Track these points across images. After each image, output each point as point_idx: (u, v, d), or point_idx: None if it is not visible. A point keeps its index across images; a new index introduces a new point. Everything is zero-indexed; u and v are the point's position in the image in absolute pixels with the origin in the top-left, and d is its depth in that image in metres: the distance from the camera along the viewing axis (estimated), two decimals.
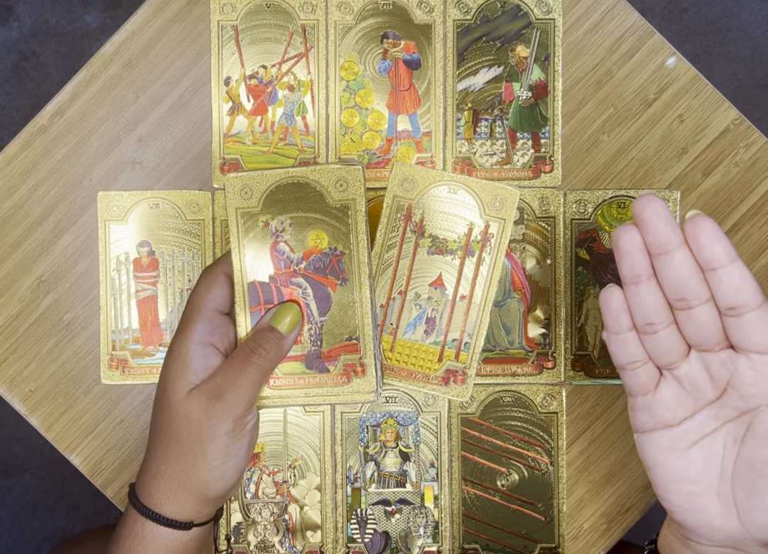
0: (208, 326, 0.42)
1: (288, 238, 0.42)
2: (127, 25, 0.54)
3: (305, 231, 0.42)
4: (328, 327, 0.43)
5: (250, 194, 0.42)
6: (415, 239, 0.44)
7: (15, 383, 0.54)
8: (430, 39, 0.54)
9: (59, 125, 0.54)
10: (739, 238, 0.54)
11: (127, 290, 0.54)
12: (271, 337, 0.42)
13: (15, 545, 1.20)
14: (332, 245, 0.42)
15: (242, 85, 0.54)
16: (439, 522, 0.54)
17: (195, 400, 0.40)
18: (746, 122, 0.54)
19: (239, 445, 0.41)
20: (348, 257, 0.42)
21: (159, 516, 0.41)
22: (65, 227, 0.54)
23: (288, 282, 0.42)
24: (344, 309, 0.42)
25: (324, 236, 0.42)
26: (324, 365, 0.43)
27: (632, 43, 0.54)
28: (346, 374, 0.43)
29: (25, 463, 1.19)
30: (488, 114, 0.54)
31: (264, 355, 0.41)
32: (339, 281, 0.42)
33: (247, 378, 0.40)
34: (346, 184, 0.42)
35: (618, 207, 0.54)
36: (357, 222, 0.42)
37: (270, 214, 0.42)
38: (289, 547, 0.54)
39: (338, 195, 0.42)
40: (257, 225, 0.42)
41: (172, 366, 0.42)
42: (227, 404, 0.40)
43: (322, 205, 0.42)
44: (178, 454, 0.41)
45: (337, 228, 0.42)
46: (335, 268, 0.42)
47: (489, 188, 0.44)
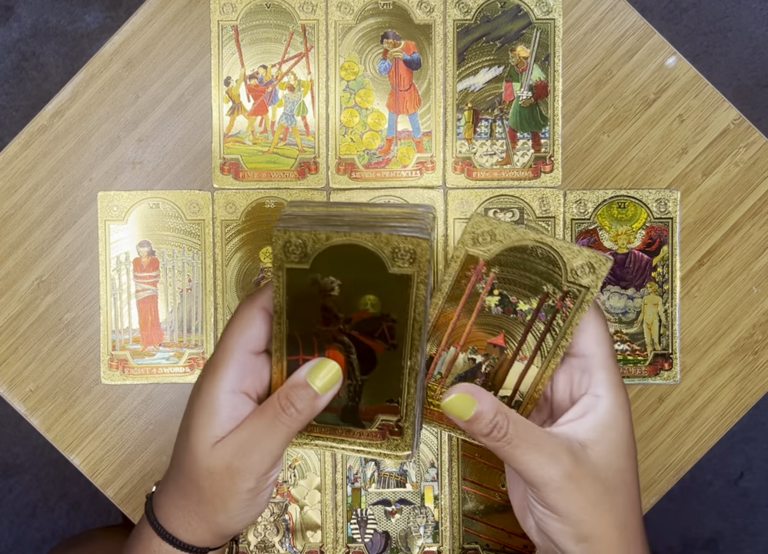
0: (240, 371, 0.39)
1: (337, 297, 0.38)
2: (127, 25, 0.54)
3: (358, 294, 0.38)
4: (369, 386, 0.40)
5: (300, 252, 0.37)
6: (482, 296, 0.40)
7: (15, 383, 0.54)
8: (430, 39, 0.54)
9: (59, 125, 0.54)
10: (739, 238, 0.54)
11: (127, 290, 0.54)
12: (305, 395, 0.38)
13: (15, 545, 1.20)
14: (385, 312, 0.38)
15: (242, 85, 0.54)
16: (439, 522, 0.54)
17: (219, 456, 0.38)
18: (746, 122, 0.54)
19: (260, 498, 0.40)
20: (400, 325, 0.38)
21: (177, 541, 0.40)
22: (65, 227, 0.54)
23: (332, 339, 0.39)
24: (389, 373, 0.39)
25: (378, 303, 0.38)
26: (360, 421, 0.40)
27: (632, 43, 0.54)
28: (381, 433, 0.40)
29: (25, 463, 1.19)
30: (488, 114, 0.54)
31: (295, 415, 0.38)
32: (387, 346, 0.39)
33: (274, 439, 0.38)
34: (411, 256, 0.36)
35: (618, 207, 0.54)
36: (416, 293, 0.37)
37: (321, 273, 0.37)
38: (289, 547, 0.54)
39: (400, 265, 0.36)
40: (304, 282, 0.38)
41: (198, 413, 0.39)
42: (251, 464, 0.38)
43: (379, 271, 0.37)
44: (198, 500, 0.40)
45: (394, 296, 0.37)
46: (385, 333, 0.38)
47: (576, 253, 0.39)
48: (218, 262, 0.54)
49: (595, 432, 0.39)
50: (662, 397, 0.54)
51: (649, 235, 0.54)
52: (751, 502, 1.21)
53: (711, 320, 0.54)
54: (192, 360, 0.54)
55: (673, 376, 0.54)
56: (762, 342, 0.54)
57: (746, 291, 0.54)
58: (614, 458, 0.39)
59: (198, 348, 0.54)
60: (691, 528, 1.20)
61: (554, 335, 0.40)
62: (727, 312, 0.54)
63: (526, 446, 0.38)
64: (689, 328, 0.54)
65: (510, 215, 0.54)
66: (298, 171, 0.54)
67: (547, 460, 0.38)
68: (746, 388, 0.54)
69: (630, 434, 0.40)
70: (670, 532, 1.19)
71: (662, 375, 0.54)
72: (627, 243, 0.54)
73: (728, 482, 1.21)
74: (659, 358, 0.54)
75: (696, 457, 0.55)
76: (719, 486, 1.20)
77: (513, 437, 0.38)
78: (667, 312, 0.54)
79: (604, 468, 0.39)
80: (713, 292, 0.54)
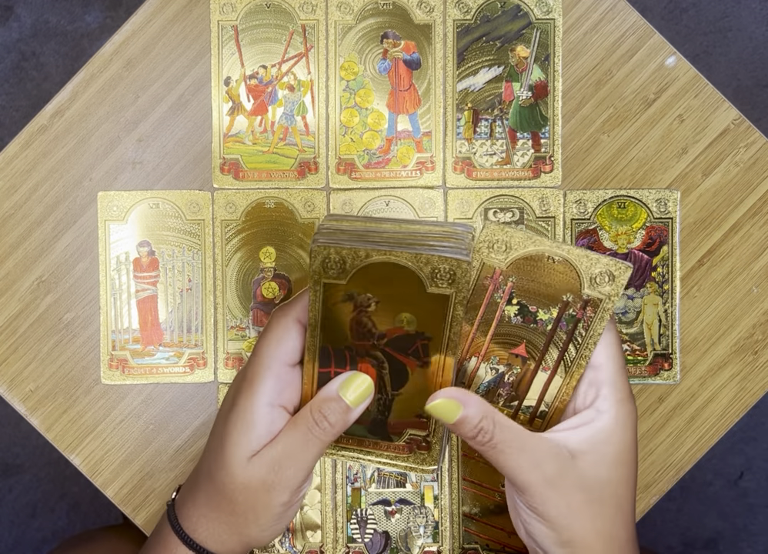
0: (278, 385, 0.39)
1: (372, 312, 0.38)
2: (127, 25, 0.54)
3: (394, 311, 0.38)
4: (400, 401, 0.40)
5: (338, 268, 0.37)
6: (500, 305, 0.40)
7: (15, 383, 0.54)
8: (430, 39, 0.54)
9: (59, 125, 0.54)
10: (739, 238, 0.54)
11: (127, 290, 0.54)
12: (337, 409, 0.38)
13: (15, 545, 1.20)
14: (420, 329, 0.38)
15: (242, 85, 0.54)
16: (439, 522, 0.54)
17: (255, 469, 0.38)
18: (746, 122, 0.54)
19: (292, 510, 0.41)
20: (434, 344, 0.38)
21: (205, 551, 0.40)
22: (65, 227, 0.54)
23: (365, 354, 0.39)
24: (420, 390, 0.39)
25: (413, 321, 0.38)
26: (388, 434, 0.40)
27: (632, 43, 0.54)
28: (409, 447, 0.41)
29: (25, 463, 1.19)
30: (488, 114, 0.54)
31: (328, 429, 0.38)
32: (420, 363, 0.39)
33: (308, 453, 0.39)
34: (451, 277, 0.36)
35: (618, 207, 0.54)
36: (453, 312, 0.37)
37: (358, 289, 0.37)
38: (289, 547, 0.54)
39: (439, 285, 0.36)
40: (340, 296, 0.37)
41: (235, 427, 0.39)
42: (286, 478, 0.38)
43: (417, 289, 0.36)
44: (230, 512, 0.40)
45: (430, 315, 0.37)
46: (419, 351, 0.38)
47: (594, 261, 0.39)
48: (218, 262, 0.54)
49: (586, 444, 0.39)
50: (662, 397, 0.54)
51: (649, 235, 0.54)
52: (751, 502, 1.21)
53: (711, 320, 0.54)
54: (192, 360, 0.54)
55: (673, 376, 0.54)
56: (762, 342, 0.54)
57: (746, 291, 0.54)
58: (603, 470, 0.39)
59: (198, 348, 0.54)
60: (691, 528, 1.20)
61: (576, 345, 0.40)
62: (727, 312, 0.54)
63: (510, 451, 0.38)
64: (689, 328, 0.54)
65: (510, 215, 0.54)
66: (298, 171, 0.54)
67: (530, 465, 0.38)
68: (746, 388, 0.54)
69: (629, 449, 0.40)
70: (670, 532, 1.19)
71: (662, 375, 0.54)
72: (627, 243, 0.54)
73: (728, 482, 1.21)
74: (659, 358, 0.54)
75: (696, 457, 0.55)
76: (719, 486, 1.20)
77: (498, 442, 0.38)
78: (667, 312, 0.54)
79: (591, 479, 0.39)
80: (713, 292, 0.54)
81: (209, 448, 0.42)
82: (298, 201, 0.54)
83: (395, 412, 0.40)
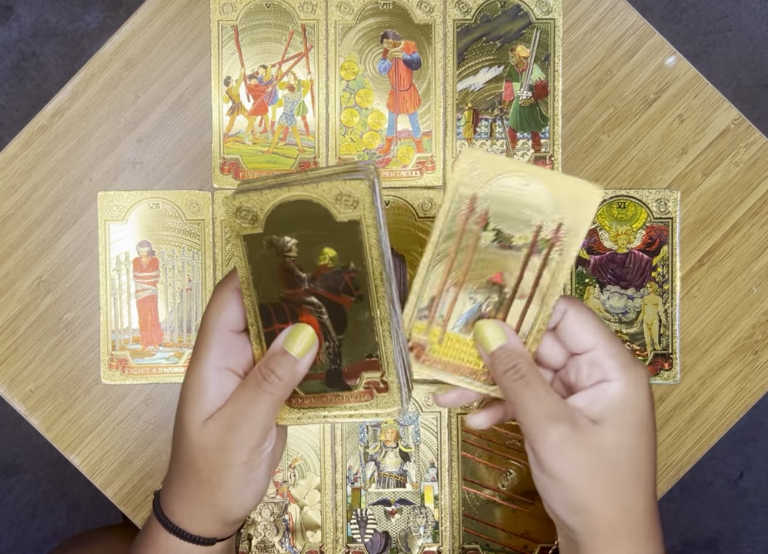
0: (224, 349, 0.40)
1: (296, 257, 0.39)
2: (127, 25, 0.54)
3: (314, 249, 0.39)
4: (347, 345, 0.40)
5: (251, 216, 0.38)
6: (476, 231, 0.40)
7: (15, 383, 0.54)
8: (430, 39, 0.54)
9: (59, 125, 0.54)
10: (739, 238, 0.54)
11: (127, 290, 0.54)
12: (284, 362, 0.39)
13: (15, 545, 1.20)
14: (344, 263, 0.38)
15: (242, 84, 0.54)
16: (439, 522, 0.54)
17: (210, 431, 0.39)
18: (746, 122, 0.54)
19: (257, 472, 0.40)
20: (361, 274, 0.38)
21: (183, 532, 0.41)
22: (65, 227, 0.54)
23: (301, 302, 0.40)
24: (361, 326, 0.39)
25: (333, 253, 0.38)
26: (345, 383, 0.41)
27: (632, 43, 0.54)
28: (369, 392, 0.41)
29: (25, 463, 1.19)
30: (488, 114, 0.54)
31: (276, 382, 0.39)
32: (354, 298, 0.39)
33: (260, 408, 0.39)
34: (353, 199, 0.37)
35: (618, 207, 0.54)
36: (368, 237, 0.38)
37: (275, 234, 0.38)
38: (289, 547, 0.54)
39: (345, 211, 0.38)
40: (262, 247, 0.39)
41: (188, 394, 0.40)
42: (241, 435, 0.39)
43: (328, 222, 0.38)
44: (196, 482, 0.40)
45: (347, 245, 0.38)
46: (349, 285, 0.39)
47: (567, 184, 0.39)
48: (218, 262, 0.54)
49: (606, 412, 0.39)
50: (662, 397, 0.54)
51: (649, 235, 0.54)
52: (751, 502, 1.21)
53: (711, 320, 0.54)
54: None
55: (673, 376, 0.54)
56: (762, 342, 0.54)
57: (746, 291, 0.54)
58: (625, 435, 0.39)
59: None
60: (691, 528, 1.20)
61: (550, 270, 0.40)
62: (727, 312, 0.54)
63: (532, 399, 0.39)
64: (689, 328, 0.54)
65: None
66: (298, 171, 0.54)
67: (550, 416, 0.38)
68: (746, 388, 0.54)
69: (647, 412, 0.40)
70: (670, 532, 1.19)
71: (662, 375, 0.54)
72: (627, 243, 0.54)
73: (728, 482, 1.21)
74: (659, 358, 0.54)
75: (696, 457, 0.55)
76: (719, 486, 1.20)
77: (530, 380, 0.39)
78: (667, 312, 0.54)
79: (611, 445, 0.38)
80: (713, 292, 0.54)
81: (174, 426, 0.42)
82: None
83: (345, 358, 0.40)
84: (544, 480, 0.39)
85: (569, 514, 0.39)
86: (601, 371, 0.40)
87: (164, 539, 0.41)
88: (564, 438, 0.38)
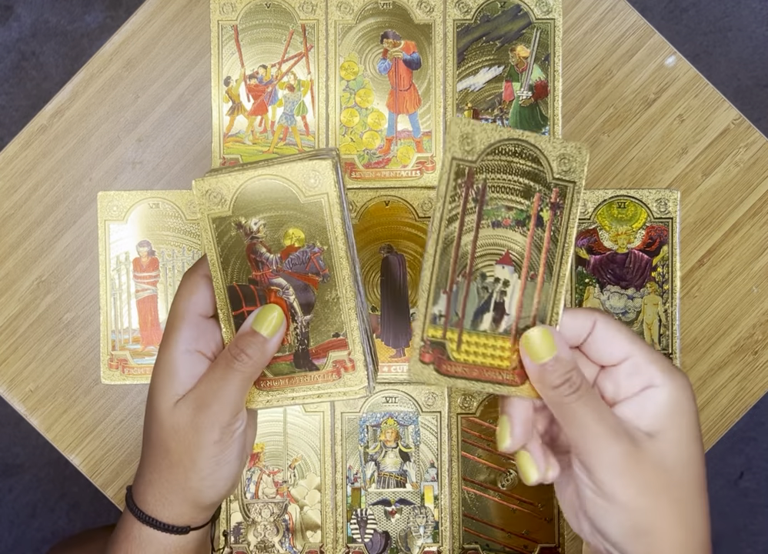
0: (194, 332, 0.41)
1: (263, 238, 0.40)
2: (127, 25, 0.54)
3: (280, 230, 0.40)
4: (314, 325, 0.41)
5: (219, 198, 0.40)
6: (478, 210, 0.39)
7: (15, 383, 0.54)
8: (430, 39, 0.54)
9: (59, 125, 0.54)
10: (739, 238, 0.54)
11: (127, 290, 0.54)
12: (253, 341, 0.40)
13: (15, 545, 1.20)
14: (310, 242, 0.40)
15: (242, 84, 0.54)
16: (439, 522, 0.54)
17: (181, 412, 0.40)
18: (746, 122, 0.54)
19: (229, 453, 0.41)
20: (327, 253, 0.40)
21: (156, 521, 0.41)
22: (65, 227, 0.54)
23: (268, 283, 0.41)
24: (328, 306, 0.41)
25: (300, 233, 0.40)
26: (313, 363, 0.41)
27: (632, 43, 0.54)
28: (336, 371, 0.41)
29: (25, 463, 1.19)
30: (488, 114, 0.54)
31: (246, 361, 0.40)
32: (321, 278, 0.40)
33: (230, 387, 0.39)
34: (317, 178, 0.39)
35: (618, 207, 0.54)
36: (332, 216, 0.39)
37: (242, 216, 0.40)
38: (289, 547, 0.54)
39: (309, 191, 0.39)
40: (230, 229, 0.40)
41: (159, 377, 0.41)
42: (212, 414, 0.39)
43: (294, 202, 0.40)
44: (168, 464, 0.40)
45: (313, 224, 0.40)
46: (315, 265, 0.40)
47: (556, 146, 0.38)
48: None
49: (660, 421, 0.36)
50: None
51: (649, 234, 0.54)
52: (751, 502, 1.21)
53: (711, 320, 0.54)
54: None
55: None
56: (762, 342, 0.54)
57: (746, 291, 0.54)
58: (684, 447, 0.36)
59: None
60: None
61: (556, 240, 0.39)
62: (727, 312, 0.54)
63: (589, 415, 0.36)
64: (689, 328, 0.54)
65: None
66: None
67: (609, 432, 0.35)
68: (746, 388, 0.54)
69: (697, 420, 0.37)
70: None
71: None
72: (627, 243, 0.54)
73: (728, 482, 1.21)
74: None
75: None
76: (719, 486, 1.20)
77: (583, 394, 0.36)
78: (667, 311, 0.54)
79: (671, 459, 0.36)
80: (713, 292, 0.54)
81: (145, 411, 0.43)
82: None
83: (313, 338, 0.41)
84: (600, 504, 0.36)
85: (631, 538, 0.36)
86: (644, 377, 0.37)
87: (137, 531, 0.41)
88: (626, 455, 0.35)
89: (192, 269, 0.42)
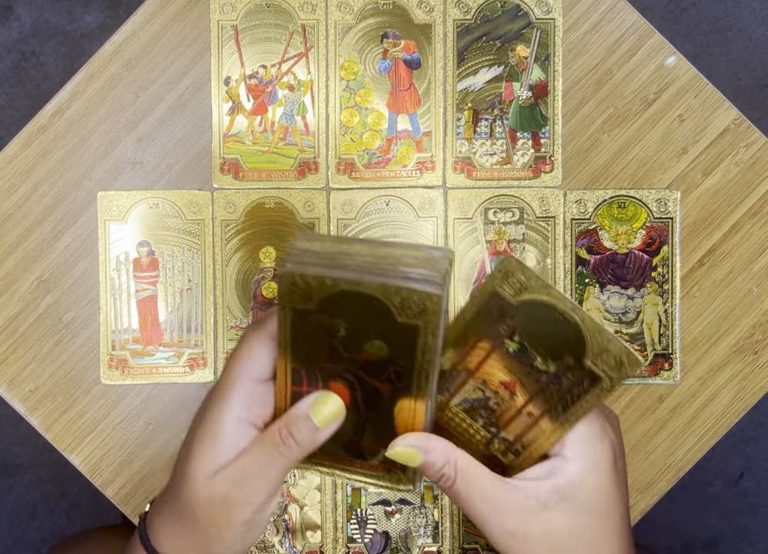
0: (247, 400, 0.38)
1: (343, 338, 0.36)
2: (127, 25, 0.54)
3: (365, 338, 0.36)
4: (374, 422, 0.38)
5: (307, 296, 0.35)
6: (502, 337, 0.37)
7: (14, 383, 0.54)
8: (430, 39, 0.54)
9: (59, 125, 0.54)
10: (739, 238, 0.54)
11: (127, 290, 0.54)
12: (305, 427, 0.37)
13: (15, 545, 1.20)
14: (393, 357, 0.36)
15: (241, 84, 0.54)
16: (439, 522, 0.54)
17: (217, 485, 0.37)
18: (746, 122, 0.54)
19: (256, 530, 0.39)
20: (407, 371, 0.36)
21: None
22: (65, 227, 0.54)
23: (337, 376, 0.37)
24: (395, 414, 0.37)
25: (385, 348, 0.36)
26: (363, 453, 0.39)
27: (632, 43, 0.54)
28: (384, 466, 0.39)
29: (25, 463, 1.19)
30: (488, 114, 0.54)
31: (294, 447, 0.37)
32: (394, 388, 0.37)
33: (273, 470, 0.37)
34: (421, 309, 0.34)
35: (618, 207, 0.54)
36: (426, 343, 0.35)
37: (327, 314, 0.35)
38: (289, 547, 0.54)
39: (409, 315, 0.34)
40: (309, 321, 0.36)
41: (201, 440, 0.38)
42: (248, 495, 0.37)
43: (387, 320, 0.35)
44: (194, 528, 0.39)
45: (401, 344, 0.35)
46: (392, 377, 0.37)
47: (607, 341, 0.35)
48: (218, 262, 0.54)
49: (557, 494, 0.37)
50: (663, 397, 0.54)
51: (649, 234, 0.54)
52: (751, 502, 1.21)
53: (711, 320, 0.54)
54: (191, 360, 0.54)
55: (673, 376, 0.54)
56: (762, 342, 0.54)
57: (746, 291, 0.54)
58: (577, 519, 0.37)
59: (198, 348, 0.54)
60: (691, 528, 1.20)
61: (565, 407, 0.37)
62: (727, 312, 0.54)
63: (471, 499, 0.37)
64: (689, 328, 0.54)
65: (510, 214, 0.54)
66: (298, 171, 0.54)
67: (492, 515, 0.37)
68: (746, 388, 0.54)
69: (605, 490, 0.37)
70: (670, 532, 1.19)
71: (662, 375, 0.54)
72: (627, 243, 0.54)
73: (728, 482, 1.21)
74: (659, 358, 0.54)
75: (696, 457, 0.55)
76: (719, 486, 1.20)
77: (461, 489, 0.37)
78: (667, 312, 0.54)
79: (561, 530, 0.37)
80: (713, 292, 0.54)
81: (177, 462, 0.41)
82: (298, 201, 0.54)
83: (369, 433, 0.39)
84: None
85: None
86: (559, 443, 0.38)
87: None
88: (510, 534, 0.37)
89: (256, 327, 0.39)
